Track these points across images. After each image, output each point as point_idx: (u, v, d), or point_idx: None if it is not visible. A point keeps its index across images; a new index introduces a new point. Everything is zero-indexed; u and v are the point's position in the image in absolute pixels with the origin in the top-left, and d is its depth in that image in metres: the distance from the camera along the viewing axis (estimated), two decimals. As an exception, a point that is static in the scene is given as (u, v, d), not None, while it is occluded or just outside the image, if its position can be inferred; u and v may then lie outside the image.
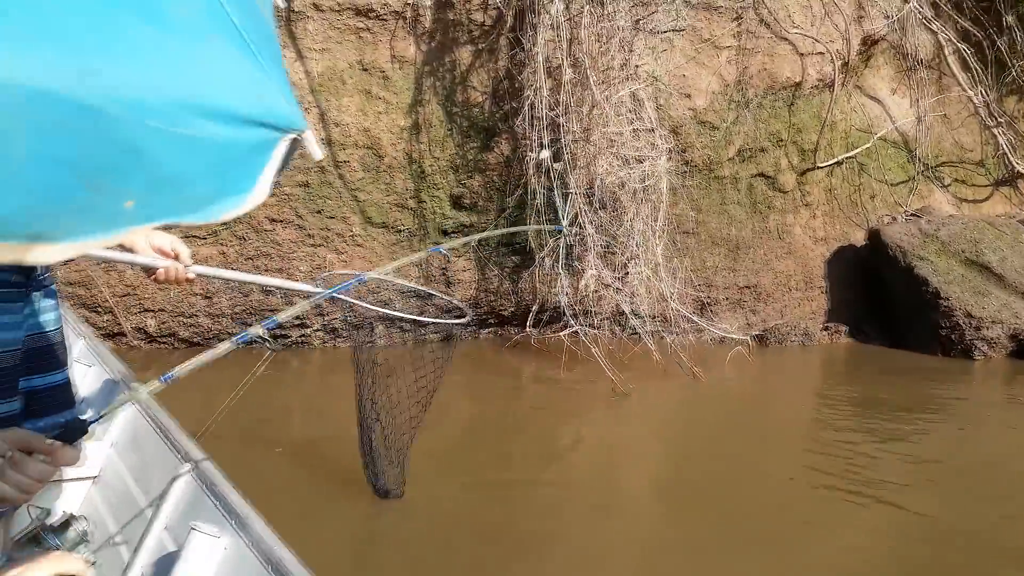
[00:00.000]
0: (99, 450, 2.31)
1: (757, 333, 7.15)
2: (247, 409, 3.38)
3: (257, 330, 1.71)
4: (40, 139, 0.65)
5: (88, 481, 2.30)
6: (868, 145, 7.70)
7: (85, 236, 0.71)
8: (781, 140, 7.12)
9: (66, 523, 1.16)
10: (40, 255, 0.68)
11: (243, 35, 0.83)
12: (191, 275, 1.86)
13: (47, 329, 1.86)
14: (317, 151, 0.91)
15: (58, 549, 1.14)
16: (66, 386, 1.96)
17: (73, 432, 1.21)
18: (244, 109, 0.80)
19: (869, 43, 7.55)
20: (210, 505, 1.70)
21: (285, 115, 0.85)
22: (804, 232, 7.48)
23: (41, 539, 1.14)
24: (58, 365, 1.91)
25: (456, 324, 2.97)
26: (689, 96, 6.43)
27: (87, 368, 2.79)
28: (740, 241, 7.01)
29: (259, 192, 0.86)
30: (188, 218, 0.79)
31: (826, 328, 7.33)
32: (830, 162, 7.46)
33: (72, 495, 2.27)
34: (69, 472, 2.20)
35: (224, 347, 1.62)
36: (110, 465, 2.30)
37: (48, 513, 1.23)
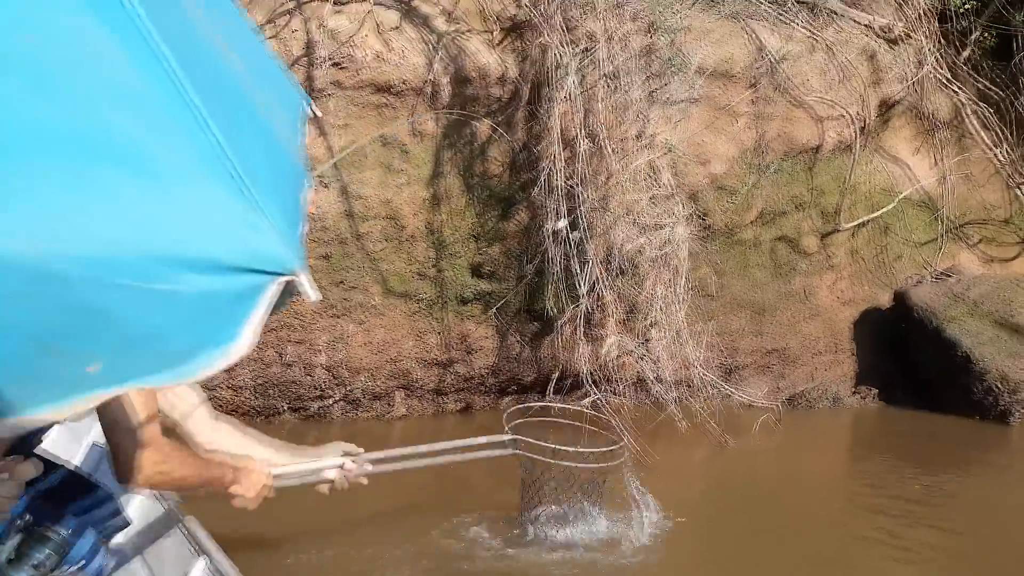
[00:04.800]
0: (117, 537, 2.31)
1: (785, 397, 7.01)
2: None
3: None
4: None
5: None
6: (891, 206, 7.63)
7: (36, 409, 0.64)
8: (802, 203, 7.09)
9: (42, 536, 1.29)
10: None
11: (235, 173, 0.77)
12: (368, 469, 1.86)
13: None
14: (312, 293, 0.84)
15: (42, 561, 1.27)
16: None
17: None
18: (228, 256, 0.75)
19: (887, 106, 7.57)
20: None
21: (276, 257, 0.79)
22: (830, 294, 7.39)
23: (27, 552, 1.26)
24: None
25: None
26: (707, 163, 6.47)
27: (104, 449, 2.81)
28: (765, 304, 6.93)
29: (243, 342, 0.79)
30: (160, 379, 0.73)
31: (856, 392, 7.17)
32: (852, 224, 7.40)
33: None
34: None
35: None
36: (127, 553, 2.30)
37: (30, 523, 1.32)
